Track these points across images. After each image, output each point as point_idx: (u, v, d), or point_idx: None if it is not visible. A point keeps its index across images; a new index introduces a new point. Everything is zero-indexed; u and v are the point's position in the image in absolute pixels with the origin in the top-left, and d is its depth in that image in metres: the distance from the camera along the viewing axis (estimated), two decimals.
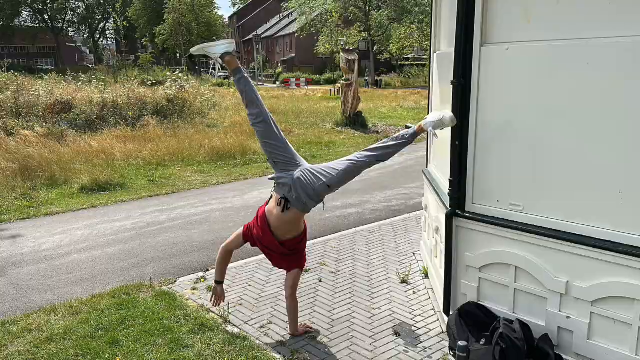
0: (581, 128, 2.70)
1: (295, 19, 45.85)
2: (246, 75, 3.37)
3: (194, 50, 3.53)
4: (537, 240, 2.95)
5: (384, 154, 3.25)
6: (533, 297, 3.05)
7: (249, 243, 3.53)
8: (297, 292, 3.69)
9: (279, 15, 64.71)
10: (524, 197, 3.00)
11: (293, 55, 54.88)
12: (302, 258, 3.56)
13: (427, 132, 3.32)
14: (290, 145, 3.38)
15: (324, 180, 3.20)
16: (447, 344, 3.44)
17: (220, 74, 42.46)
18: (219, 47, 3.40)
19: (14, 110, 12.69)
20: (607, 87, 2.58)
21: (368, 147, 3.32)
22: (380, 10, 38.57)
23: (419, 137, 3.36)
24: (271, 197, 3.43)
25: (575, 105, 2.70)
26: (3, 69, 17.92)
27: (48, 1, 63.83)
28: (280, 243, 3.39)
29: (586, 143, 2.69)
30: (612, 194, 2.64)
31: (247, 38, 67.65)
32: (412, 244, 5.49)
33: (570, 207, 2.81)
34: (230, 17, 79.60)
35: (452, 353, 3.25)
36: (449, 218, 3.36)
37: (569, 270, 2.84)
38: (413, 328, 3.73)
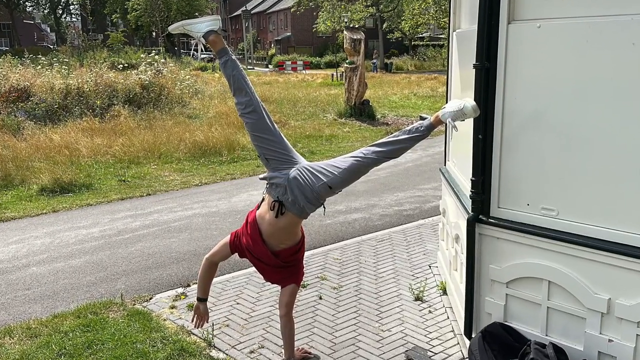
0: (626, 118, 2.70)
1: None
2: (233, 57, 3.37)
3: (173, 28, 3.53)
4: (575, 250, 2.95)
5: (394, 150, 3.25)
6: (569, 316, 3.05)
7: (237, 254, 3.54)
8: (294, 311, 3.69)
9: None
10: (559, 199, 3.00)
11: (288, 34, 54.94)
12: (299, 271, 3.56)
13: (445, 124, 3.32)
14: (286, 140, 3.38)
15: (325, 180, 3.20)
16: None
17: (203, 55, 42.43)
18: (202, 25, 3.40)
19: None
20: None
21: (376, 142, 3.32)
22: None
23: (435, 130, 3.36)
24: (263, 200, 3.43)
25: (619, 92, 2.70)
26: None
27: None
28: (274, 254, 3.39)
29: (632, 136, 2.69)
30: None
31: (235, 14, 67.71)
32: (428, 255, 5.50)
33: (612, 211, 2.80)
34: None
35: None
36: (471, 224, 3.35)
37: (612, 285, 2.84)
38: (429, 353, 3.73)
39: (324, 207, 3.38)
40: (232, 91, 3.35)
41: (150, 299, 4.70)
